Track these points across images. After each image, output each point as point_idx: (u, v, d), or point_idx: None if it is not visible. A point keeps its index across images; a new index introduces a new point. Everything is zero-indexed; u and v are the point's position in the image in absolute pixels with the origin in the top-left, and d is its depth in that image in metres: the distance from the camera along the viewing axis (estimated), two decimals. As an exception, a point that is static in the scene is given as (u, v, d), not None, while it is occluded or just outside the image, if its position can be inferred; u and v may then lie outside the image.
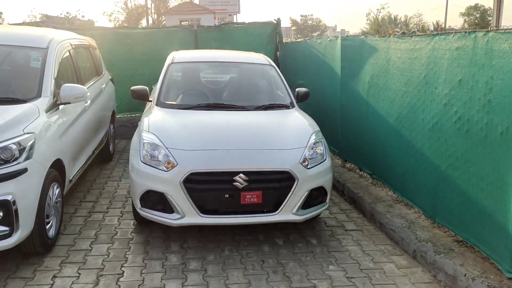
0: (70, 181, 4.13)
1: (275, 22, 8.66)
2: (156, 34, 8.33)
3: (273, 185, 3.61)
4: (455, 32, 3.40)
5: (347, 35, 5.56)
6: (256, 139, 3.82)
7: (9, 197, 2.91)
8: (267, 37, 8.58)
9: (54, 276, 3.22)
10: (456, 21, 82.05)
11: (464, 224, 3.37)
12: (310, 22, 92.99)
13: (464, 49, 3.23)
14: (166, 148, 3.62)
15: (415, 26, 66.65)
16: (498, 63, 2.87)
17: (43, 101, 3.62)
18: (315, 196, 3.82)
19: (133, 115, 8.30)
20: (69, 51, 4.64)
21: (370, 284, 3.25)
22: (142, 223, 4.14)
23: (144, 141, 3.75)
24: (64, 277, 3.22)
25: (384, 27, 67.16)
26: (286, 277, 3.32)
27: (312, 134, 4.02)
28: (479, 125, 3.08)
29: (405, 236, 3.82)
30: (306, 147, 3.80)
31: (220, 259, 3.58)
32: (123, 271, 3.33)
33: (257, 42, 8.48)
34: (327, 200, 3.99)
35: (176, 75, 4.88)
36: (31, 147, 3.13)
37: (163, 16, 29.42)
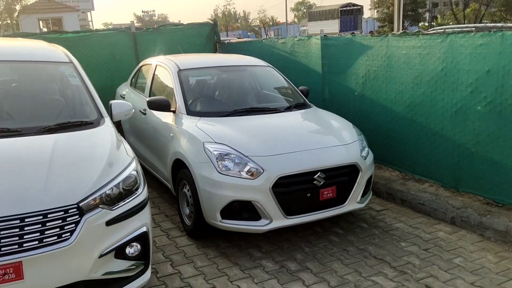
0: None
1: (212, 22, 8.68)
2: (90, 39, 7.63)
3: (344, 178, 3.87)
4: (476, 31, 4.08)
5: (324, 35, 5.99)
6: (319, 137, 4.03)
7: (145, 228, 2.66)
8: (205, 38, 8.54)
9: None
10: (288, 16, 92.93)
11: (497, 188, 4.10)
12: (155, 18, 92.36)
13: (490, 45, 3.91)
14: (246, 156, 3.61)
15: (254, 20, 74.82)
16: (532, 56, 3.60)
17: (109, 122, 3.27)
18: (367, 184, 4.19)
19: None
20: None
21: (446, 252, 3.76)
22: (197, 238, 4.02)
23: (216, 151, 3.65)
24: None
25: (231, 22, 71.89)
26: (380, 259, 3.65)
27: (353, 128, 4.37)
28: (514, 106, 3.80)
29: (437, 206, 4.44)
30: (358, 140, 4.14)
31: (309, 256, 3.73)
32: (238, 286, 3.27)
33: (197, 43, 8.40)
34: (371, 187, 4.40)
35: (191, 83, 4.73)
36: (141, 172, 2.87)
37: (17, 15, 26.11)
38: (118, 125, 6.20)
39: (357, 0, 38.63)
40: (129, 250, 2.60)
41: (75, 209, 2.35)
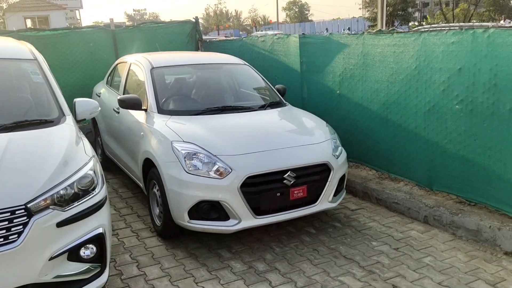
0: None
1: (194, 20, 8.60)
2: (68, 36, 7.50)
3: (315, 177, 3.83)
4: (449, 29, 4.05)
5: (303, 33, 5.94)
6: (289, 136, 3.98)
7: (101, 230, 2.59)
8: (187, 36, 8.46)
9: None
10: (280, 15, 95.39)
11: (469, 187, 4.08)
12: (146, 17, 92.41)
13: (462, 43, 3.89)
14: (214, 155, 3.55)
15: (246, 20, 76.09)
16: (502, 53, 3.57)
17: (70, 120, 3.20)
18: (340, 183, 4.14)
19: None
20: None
21: (416, 251, 3.74)
22: (168, 239, 3.96)
23: (184, 151, 3.59)
24: (146, 306, 2.98)
25: (222, 21, 72.51)
26: (349, 259, 3.61)
27: (326, 126, 4.33)
28: (484, 104, 3.78)
29: (411, 205, 4.42)
30: (330, 139, 4.10)
31: (278, 256, 3.68)
32: (203, 287, 3.21)
33: (179, 41, 8.32)
34: (344, 186, 4.36)
35: (164, 80, 4.66)
36: (100, 171, 2.80)
37: (3, 13, 25.80)
38: (94, 125, 6.13)
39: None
40: (84, 252, 2.53)
41: (23, 210, 2.27)
